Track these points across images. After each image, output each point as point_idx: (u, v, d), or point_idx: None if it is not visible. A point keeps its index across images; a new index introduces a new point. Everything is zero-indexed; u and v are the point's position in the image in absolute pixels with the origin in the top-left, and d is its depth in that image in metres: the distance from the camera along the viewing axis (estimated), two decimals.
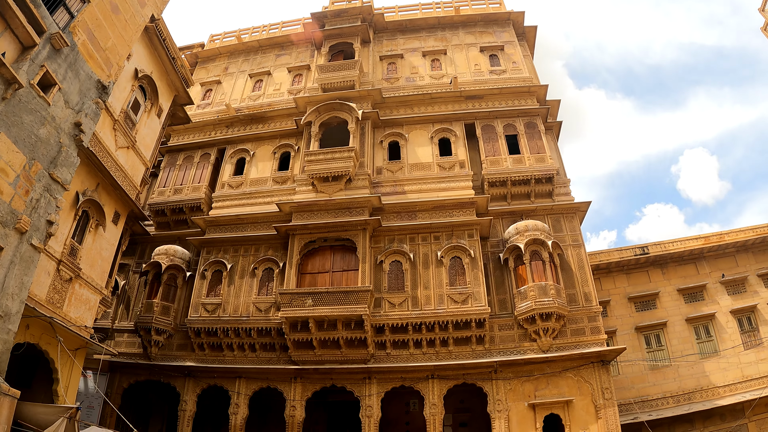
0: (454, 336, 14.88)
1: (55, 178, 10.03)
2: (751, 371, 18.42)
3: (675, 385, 18.16)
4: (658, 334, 18.90)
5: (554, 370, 14.63)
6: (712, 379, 18.30)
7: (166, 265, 17.07)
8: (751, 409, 17.31)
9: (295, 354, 15.33)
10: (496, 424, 14.23)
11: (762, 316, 19.19)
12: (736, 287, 19.63)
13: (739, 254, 19.98)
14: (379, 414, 14.60)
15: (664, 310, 19.01)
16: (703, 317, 19.02)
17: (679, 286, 19.32)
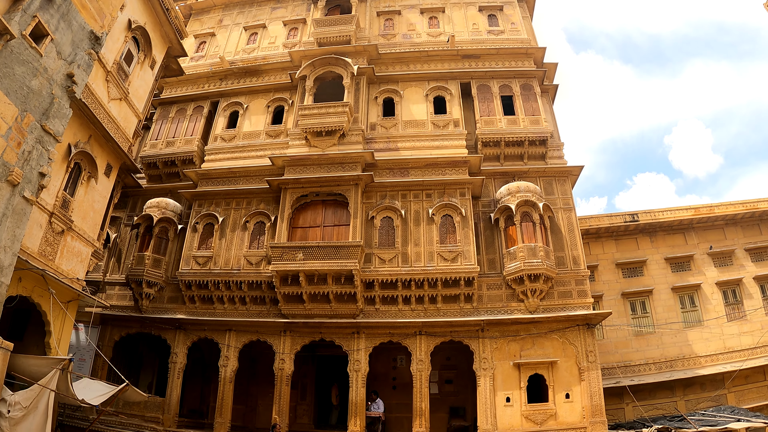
0: (443, 293, 15.02)
1: (47, 130, 9.93)
2: (733, 343, 18.77)
3: (658, 352, 18.50)
4: (644, 301, 19.17)
5: (540, 331, 14.84)
6: (694, 349, 18.64)
7: (157, 218, 17.02)
8: (731, 380, 17.70)
9: (285, 307, 15.44)
10: (481, 382, 14.48)
11: (747, 289, 19.47)
12: (723, 260, 19.86)
13: (728, 227, 20.17)
14: (366, 368, 14.81)
15: (651, 278, 19.24)
16: (688, 287, 19.28)
17: (667, 255, 19.52)
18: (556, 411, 14.39)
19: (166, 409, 15.34)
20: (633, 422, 16.54)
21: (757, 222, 20.55)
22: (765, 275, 19.74)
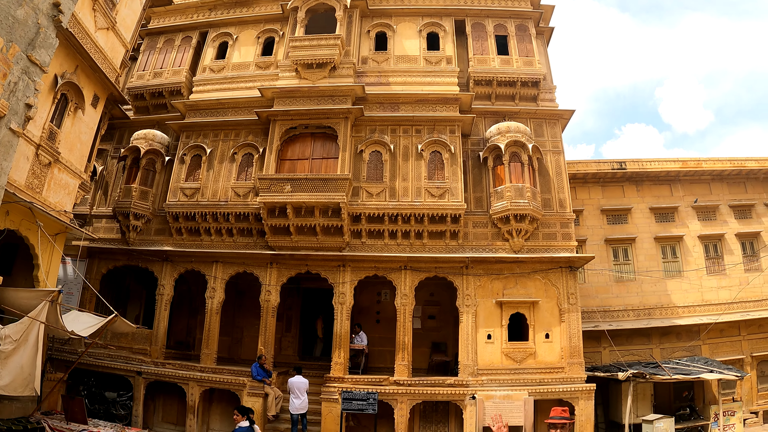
0: (429, 229, 15.11)
1: (33, 60, 9.69)
2: (711, 296, 19.11)
3: (637, 300, 18.82)
4: (627, 248, 19.39)
5: (523, 270, 15.03)
6: (672, 299, 18.97)
7: (145, 149, 16.84)
8: (705, 332, 18.07)
9: (272, 239, 15.48)
10: (463, 318, 14.71)
11: (728, 245, 19.73)
12: (707, 214, 20.06)
13: (714, 183, 20.31)
14: (351, 301, 14.96)
15: (635, 226, 19.42)
16: (671, 238, 19.50)
17: (652, 204, 19.66)
18: (536, 350, 14.70)
19: (153, 341, 15.50)
20: (609, 366, 16.94)
21: (743, 180, 20.72)
22: (747, 233, 20.01)
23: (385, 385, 14.26)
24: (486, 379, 14.32)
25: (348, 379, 14.43)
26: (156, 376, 15.05)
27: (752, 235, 20.10)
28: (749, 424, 17.48)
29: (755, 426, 17.82)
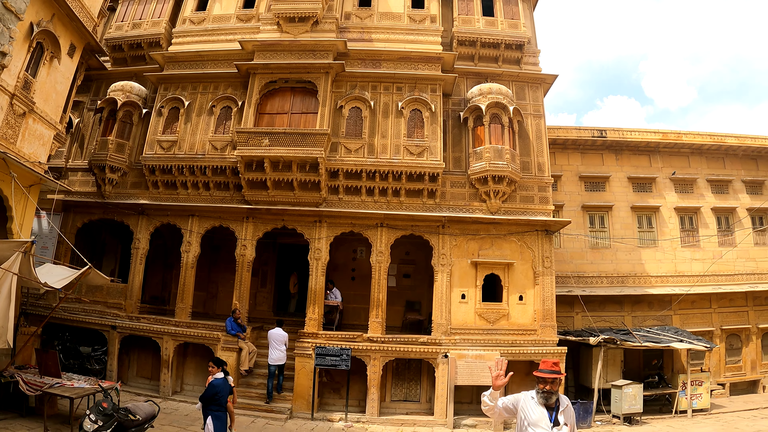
0: (407, 187, 15.05)
1: (8, 7, 9.46)
2: (684, 268, 19.36)
3: (611, 267, 19.01)
4: (603, 216, 19.51)
5: (499, 232, 15.06)
6: (646, 268, 19.19)
7: (122, 101, 16.51)
8: (677, 302, 18.33)
9: (249, 194, 15.33)
10: (438, 277, 14.74)
11: (703, 219, 19.96)
12: (684, 187, 20.25)
13: (693, 156, 20.45)
14: (327, 257, 14.91)
15: (612, 195, 19.53)
16: (648, 208, 19.67)
17: (630, 174, 19.77)
18: (509, 312, 14.80)
19: (128, 295, 15.38)
20: (581, 331, 17.14)
21: (722, 156, 20.92)
22: (723, 207, 20.27)
23: (359, 341, 14.30)
24: (459, 338, 14.41)
25: (322, 335, 14.45)
26: (130, 330, 14.96)
27: (728, 210, 20.35)
28: (716, 395, 17.84)
29: (721, 398, 18.18)
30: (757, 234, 20.82)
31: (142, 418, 9.03)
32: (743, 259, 20.26)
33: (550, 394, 4.65)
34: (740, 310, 19.67)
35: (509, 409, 4.79)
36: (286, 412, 13.54)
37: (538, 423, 4.57)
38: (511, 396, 4.87)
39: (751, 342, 19.59)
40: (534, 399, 4.70)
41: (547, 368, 4.77)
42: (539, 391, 4.70)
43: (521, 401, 4.75)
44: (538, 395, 4.70)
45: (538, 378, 4.77)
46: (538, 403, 4.66)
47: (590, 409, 14.55)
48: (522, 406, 4.71)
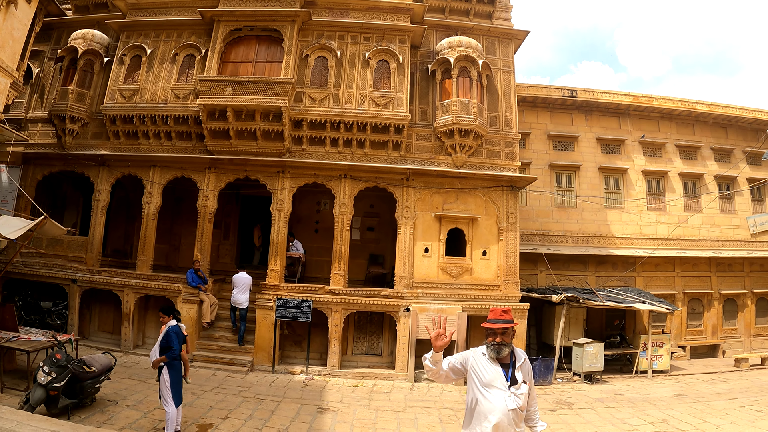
0: (372, 139, 14.84)
1: None
2: (649, 231, 19.51)
3: (576, 227, 19.06)
4: (570, 175, 19.49)
5: (465, 186, 14.97)
6: (611, 229, 19.28)
7: (83, 49, 15.96)
8: (641, 263, 18.46)
9: (211, 143, 15.01)
10: (401, 230, 14.63)
11: (671, 183, 20.07)
12: (653, 150, 20.30)
13: (663, 121, 20.47)
14: (289, 208, 14.72)
15: (580, 155, 19.49)
16: (615, 170, 19.69)
17: (599, 135, 19.73)
18: (472, 266, 14.79)
19: (89, 248, 15.13)
20: (545, 288, 17.22)
21: (692, 122, 20.98)
22: (691, 173, 20.40)
23: (321, 294, 14.20)
24: (421, 292, 14.37)
25: (283, 287, 14.32)
26: (91, 283, 14.73)
27: (695, 176, 20.49)
28: (676, 358, 18.12)
29: (682, 360, 18.47)
30: (723, 202, 21.02)
31: (98, 369, 8.84)
32: (708, 226, 20.47)
33: (502, 347, 4.04)
34: (703, 276, 19.92)
35: (457, 370, 4.14)
36: (247, 364, 13.46)
37: (492, 383, 3.97)
38: (459, 354, 4.21)
39: (713, 307, 19.89)
40: (485, 355, 4.09)
41: (496, 317, 4.13)
42: (489, 344, 4.08)
43: (470, 359, 4.12)
44: (488, 350, 4.08)
45: (488, 330, 4.14)
46: (490, 359, 4.05)
47: (551, 366, 14.63)
48: (472, 365, 4.09)
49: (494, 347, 4.07)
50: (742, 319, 20.41)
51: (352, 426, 9.36)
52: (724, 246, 20.45)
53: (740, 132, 21.49)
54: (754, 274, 20.69)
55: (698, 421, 10.44)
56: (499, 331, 4.07)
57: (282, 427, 8.97)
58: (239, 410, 9.79)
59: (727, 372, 16.67)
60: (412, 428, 9.51)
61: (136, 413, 8.87)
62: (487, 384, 3.97)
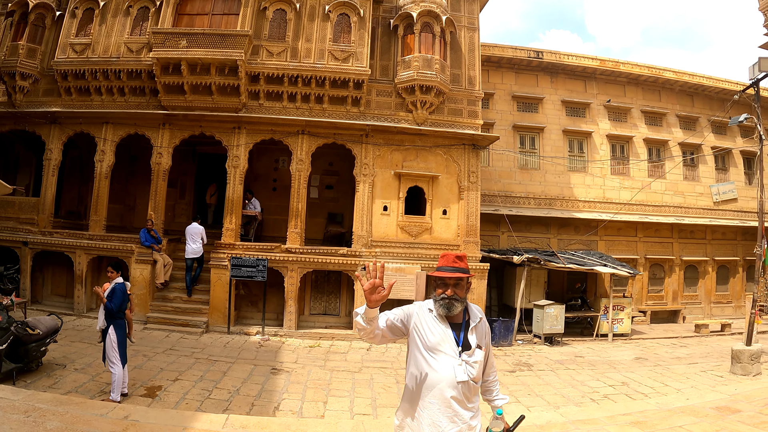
0: (330, 94, 14.48)
1: None
2: (612, 195, 19.56)
3: (539, 189, 18.98)
4: (534, 137, 19.35)
5: (425, 144, 14.74)
6: (575, 192, 19.26)
7: (33, 3, 15.26)
8: (602, 226, 18.49)
9: (165, 99, 14.53)
10: (360, 188, 14.39)
11: (635, 148, 20.10)
12: (618, 115, 20.26)
13: (629, 86, 20.40)
14: (245, 165, 14.37)
15: (545, 116, 19.34)
16: (580, 133, 19.62)
17: (565, 98, 19.59)
18: (432, 225, 14.63)
19: (40, 210, 14.69)
20: (506, 250, 17.16)
21: (659, 89, 20.96)
22: (655, 139, 20.43)
23: (277, 252, 13.94)
24: (379, 251, 14.18)
25: (239, 246, 14.04)
26: (43, 245, 14.31)
27: (660, 143, 20.53)
28: (636, 322, 18.27)
29: (642, 325, 18.67)
30: (687, 169, 21.13)
31: (43, 332, 8.49)
32: (671, 193, 20.58)
33: (453, 303, 3.19)
34: (665, 242, 20.07)
35: (396, 329, 3.28)
36: (202, 325, 13.21)
37: (438, 347, 3.15)
38: (399, 310, 3.33)
39: (674, 273, 20.08)
40: (432, 312, 3.25)
41: (448, 263, 3.26)
42: (438, 298, 3.23)
43: (414, 316, 3.27)
44: (437, 305, 3.23)
45: (437, 280, 3.29)
46: (438, 317, 3.22)
47: (512, 327, 14.61)
48: (415, 324, 3.24)
49: (444, 302, 3.21)
50: (702, 286, 20.66)
51: (305, 387, 9.17)
52: (687, 213, 20.60)
53: (706, 101, 21.53)
54: (715, 242, 20.93)
55: (659, 384, 10.45)
56: (450, 282, 3.22)
57: (233, 389, 8.75)
58: (190, 372, 9.54)
59: (687, 337, 16.84)
60: (366, 389, 9.36)
61: (83, 376, 8.57)
62: (432, 348, 3.14)
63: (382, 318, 3.22)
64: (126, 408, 6.00)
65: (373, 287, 2.98)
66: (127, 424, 5.40)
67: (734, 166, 21.89)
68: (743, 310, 20.15)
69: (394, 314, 3.30)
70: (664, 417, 6.67)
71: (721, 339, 16.67)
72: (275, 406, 8.04)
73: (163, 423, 5.55)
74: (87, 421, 5.35)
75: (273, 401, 8.28)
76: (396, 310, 3.32)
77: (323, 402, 8.39)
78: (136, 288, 13.63)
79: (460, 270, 3.25)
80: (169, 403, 7.74)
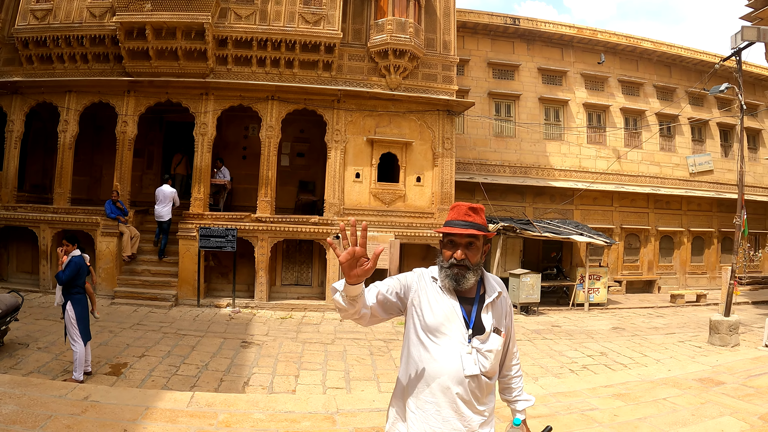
0: (301, 58, 14.08)
1: None
2: (588, 164, 19.48)
3: (515, 157, 18.80)
4: (510, 105, 19.12)
5: (399, 110, 14.46)
6: (550, 161, 19.14)
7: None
8: (579, 196, 18.42)
9: (130, 65, 14.02)
10: (331, 154, 14.10)
11: (612, 118, 20.00)
12: (595, 84, 20.12)
13: (607, 55, 20.19)
14: (213, 133, 13.99)
15: (521, 84, 19.09)
16: (556, 101, 19.43)
17: (541, 65, 19.33)
18: (406, 193, 14.43)
19: (3, 183, 14.21)
20: None
21: (636, 58, 20.83)
22: (633, 109, 20.36)
23: (246, 222, 13.64)
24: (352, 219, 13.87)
25: (208, 216, 13.71)
26: (5, 220, 13.86)
27: (637, 113, 20.46)
28: (612, 292, 18.31)
29: (618, 294, 18.73)
30: (664, 140, 21.11)
31: (2, 310, 8.10)
32: (648, 163, 20.55)
33: (463, 272, 2.36)
34: (641, 212, 20.10)
35: (391, 306, 2.46)
36: (171, 299, 12.92)
37: (441, 328, 2.35)
38: (394, 279, 2.51)
39: (650, 243, 20.14)
40: (437, 282, 2.44)
41: (460, 217, 2.40)
42: (445, 265, 2.40)
43: (414, 285, 2.48)
44: (442, 274, 2.41)
45: (444, 240, 2.45)
46: (443, 290, 2.41)
47: None
48: (414, 297, 2.45)
49: (451, 272, 2.37)
50: (678, 256, 20.75)
51: (276, 360, 8.93)
52: (663, 183, 20.61)
53: (684, 72, 21.46)
54: (691, 213, 21.01)
55: (637, 354, 10.38)
56: (461, 242, 2.37)
57: (202, 364, 8.48)
58: (158, 347, 9.24)
59: (664, 307, 16.92)
60: (339, 361, 9.16)
61: (47, 356, 8.23)
62: (434, 329, 2.34)
63: (371, 292, 2.37)
64: (86, 388, 5.70)
65: (353, 258, 2.11)
66: (87, 405, 5.12)
67: (711, 138, 21.92)
68: (718, 281, 20.38)
69: (387, 285, 2.45)
70: (647, 389, 6.54)
71: (696, 309, 16.75)
72: (245, 381, 7.80)
73: (124, 403, 5.27)
74: (44, 403, 5.06)
75: (243, 376, 8.03)
76: (390, 280, 2.48)
77: (294, 376, 8.15)
78: (102, 262, 13.31)
79: (475, 226, 2.36)
80: (134, 381, 7.45)
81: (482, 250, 2.43)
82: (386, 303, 2.41)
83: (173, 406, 5.31)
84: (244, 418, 5.13)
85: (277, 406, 5.50)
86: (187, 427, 4.85)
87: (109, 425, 4.74)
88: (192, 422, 4.96)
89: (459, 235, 2.35)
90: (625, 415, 5.62)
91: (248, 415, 5.21)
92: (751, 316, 15.01)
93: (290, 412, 5.36)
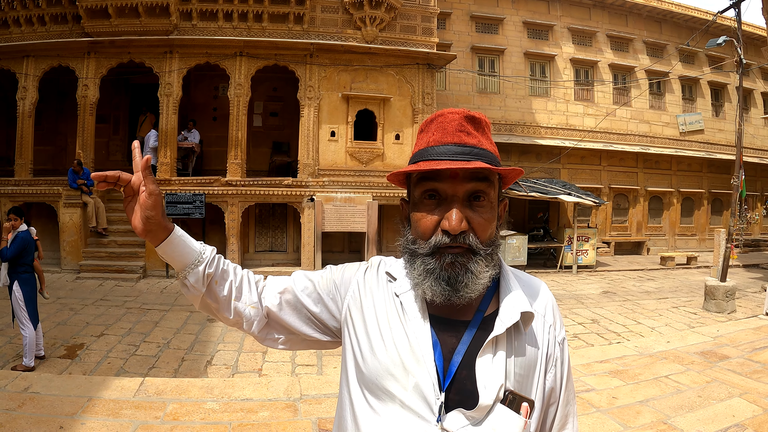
0: (270, 11, 13.30)
1: None
2: (576, 122, 18.88)
3: (499, 114, 18.11)
4: (494, 60, 18.36)
5: (375, 64, 13.75)
6: (536, 118, 18.50)
7: None
8: (566, 155, 17.82)
9: (89, 25, 13.21)
10: (304, 112, 13.42)
11: (600, 74, 19.36)
12: (583, 39, 19.41)
13: (595, 9, 19.52)
14: (179, 93, 13.25)
15: (505, 38, 18.28)
16: (542, 56, 18.69)
17: (527, 19, 18.50)
18: (384, 152, 13.83)
19: None
20: None
21: (626, 13, 20.11)
22: (622, 65, 19.72)
23: (216, 186, 13.02)
24: (328, 180, 13.33)
25: (175, 182, 13.07)
26: None
27: (626, 69, 19.81)
28: (600, 253, 17.82)
29: (606, 256, 18.27)
30: (654, 98, 20.51)
31: None
32: (637, 121, 19.98)
33: (464, 262, 1.09)
34: (630, 171, 19.57)
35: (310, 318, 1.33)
36: (139, 270, 12.31)
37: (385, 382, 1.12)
38: (326, 272, 1.37)
39: (639, 204, 19.65)
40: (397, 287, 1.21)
41: (448, 137, 1.13)
42: (421, 250, 1.13)
43: (352, 290, 1.28)
44: (415, 270, 1.14)
45: (414, 192, 1.16)
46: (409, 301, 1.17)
47: None
48: (351, 310, 1.26)
49: (440, 263, 1.11)
50: (667, 217, 20.29)
51: (243, 335, 8.12)
52: (653, 142, 20.06)
53: (675, 29, 20.78)
54: (681, 173, 20.50)
55: (631, 322, 9.75)
56: (459, 193, 1.10)
57: (164, 341, 7.82)
58: (119, 324, 8.54)
59: (654, 270, 16.40)
60: None
61: (1, 339, 7.58)
62: (376, 383, 1.14)
63: (276, 282, 1.37)
64: (28, 378, 5.15)
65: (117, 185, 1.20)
66: (26, 397, 4.63)
67: (701, 97, 21.33)
68: (708, 243, 19.95)
69: (310, 281, 1.35)
70: (646, 364, 6.07)
71: (687, 272, 16.23)
72: (208, 360, 7.15)
73: (66, 394, 4.75)
74: None
75: (206, 354, 7.39)
76: (315, 275, 1.37)
77: (263, 352, 7.45)
78: (66, 234, 12.68)
79: (482, 154, 1.13)
80: (89, 365, 6.79)
81: (498, 212, 1.20)
82: (301, 311, 1.33)
83: (119, 395, 4.81)
84: (195, 409, 4.64)
85: (233, 393, 5.00)
86: (130, 422, 4.34)
87: (45, 421, 4.23)
88: (136, 415, 4.47)
89: (451, 177, 1.11)
90: (624, 397, 5.16)
91: (200, 404, 4.73)
92: (744, 280, 14.50)
93: (248, 400, 4.88)
